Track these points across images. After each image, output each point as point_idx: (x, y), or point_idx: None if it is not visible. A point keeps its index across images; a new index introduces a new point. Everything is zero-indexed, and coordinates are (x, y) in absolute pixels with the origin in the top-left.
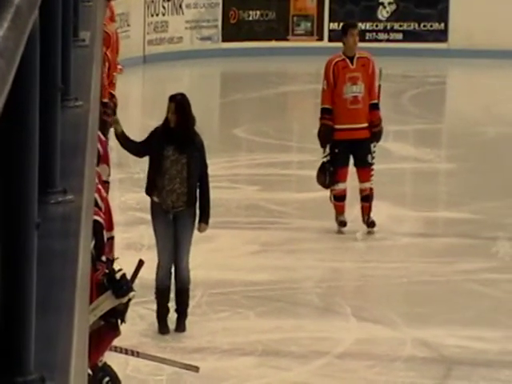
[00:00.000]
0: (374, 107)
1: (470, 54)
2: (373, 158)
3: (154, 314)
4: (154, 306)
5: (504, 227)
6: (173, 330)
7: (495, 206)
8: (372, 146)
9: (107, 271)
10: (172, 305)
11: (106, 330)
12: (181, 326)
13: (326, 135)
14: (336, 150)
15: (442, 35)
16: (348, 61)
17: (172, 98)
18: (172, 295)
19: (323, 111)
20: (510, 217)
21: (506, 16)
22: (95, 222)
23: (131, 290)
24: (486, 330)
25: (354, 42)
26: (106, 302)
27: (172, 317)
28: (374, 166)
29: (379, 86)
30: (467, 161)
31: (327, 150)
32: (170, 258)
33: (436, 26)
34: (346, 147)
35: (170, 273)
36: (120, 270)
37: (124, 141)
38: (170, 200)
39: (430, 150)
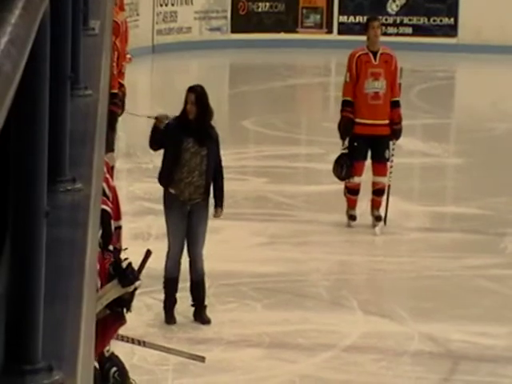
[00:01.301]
0: (396, 105)
1: (479, 49)
2: (392, 155)
3: (161, 304)
4: (162, 296)
5: (511, 223)
6: (179, 321)
7: (503, 201)
8: (391, 143)
9: (113, 260)
10: (180, 296)
11: (111, 319)
12: (204, 318)
13: (346, 128)
14: (355, 144)
15: (451, 30)
16: (371, 55)
17: (191, 89)
18: (181, 285)
19: (344, 103)
20: None
21: None
22: (103, 211)
23: (137, 279)
24: (492, 325)
25: (375, 35)
26: (112, 291)
27: (179, 307)
28: (391, 163)
29: (399, 84)
30: (475, 156)
31: (346, 142)
32: (180, 249)
33: (445, 20)
34: (365, 142)
35: (179, 263)
36: (126, 258)
37: (158, 135)
38: (188, 192)
39: (438, 144)
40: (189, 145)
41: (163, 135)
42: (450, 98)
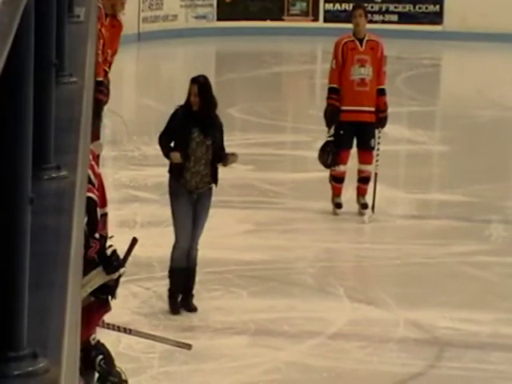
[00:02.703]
0: (381, 92)
1: (464, 36)
2: (378, 143)
3: (147, 292)
4: (148, 284)
5: (497, 210)
6: (164, 308)
7: (489, 188)
8: (377, 131)
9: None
10: (165, 283)
11: (96, 307)
12: (191, 306)
13: (332, 115)
14: (341, 132)
15: (436, 17)
16: (357, 42)
17: (194, 81)
18: (165, 273)
19: (330, 90)
20: (503, 199)
21: None
22: (88, 198)
23: (122, 265)
24: (478, 312)
25: (357, 23)
26: (97, 278)
27: (164, 295)
28: (378, 152)
29: (384, 72)
30: (461, 143)
31: (332, 130)
32: (188, 238)
33: (431, 8)
34: (351, 129)
35: (187, 253)
36: (110, 246)
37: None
38: (195, 181)
39: (423, 132)
40: (194, 134)
41: (171, 127)
42: (436, 85)
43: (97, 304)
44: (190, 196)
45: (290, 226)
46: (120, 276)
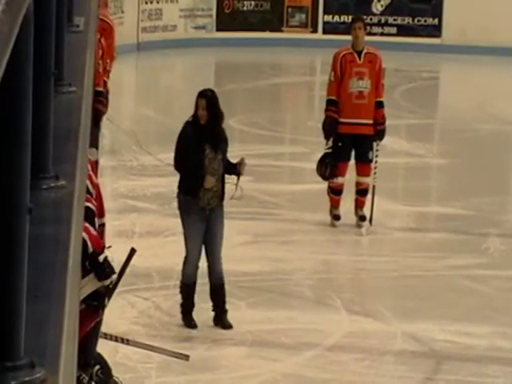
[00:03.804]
0: (380, 105)
1: (463, 49)
2: (376, 155)
3: (145, 303)
4: (146, 294)
5: (495, 223)
6: (163, 319)
7: (486, 202)
8: (375, 144)
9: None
10: (164, 293)
11: (86, 313)
12: (225, 323)
13: (330, 128)
14: (339, 144)
15: (435, 30)
16: (356, 55)
17: (202, 95)
18: (166, 283)
19: (329, 103)
20: (501, 213)
21: (500, 12)
22: (86, 208)
23: (114, 272)
24: (475, 325)
25: (357, 35)
26: (89, 285)
27: (163, 305)
28: (376, 164)
29: (382, 85)
30: (459, 156)
31: (330, 142)
32: (199, 253)
33: (430, 21)
34: (349, 141)
35: (198, 268)
36: (102, 252)
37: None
38: (207, 198)
39: (422, 145)
40: (206, 151)
41: (184, 147)
42: (434, 98)
43: (87, 311)
44: (201, 212)
45: (289, 238)
46: (111, 283)
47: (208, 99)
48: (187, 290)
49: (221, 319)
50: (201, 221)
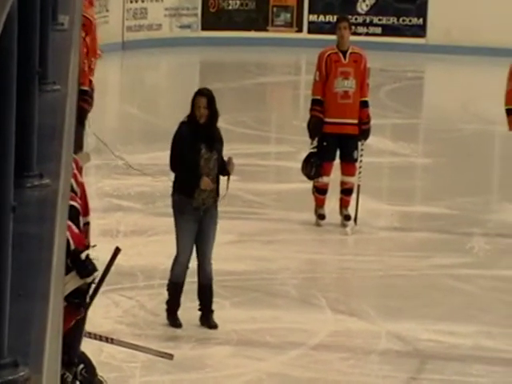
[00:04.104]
0: (364, 105)
1: (447, 49)
2: (361, 155)
3: (130, 302)
4: (131, 294)
5: (479, 223)
6: (147, 318)
7: (471, 201)
8: (360, 143)
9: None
10: (149, 293)
11: (68, 311)
12: (211, 323)
13: (315, 127)
14: (324, 144)
15: (420, 30)
16: (341, 54)
17: (202, 94)
18: (150, 283)
19: (314, 102)
20: (485, 213)
21: (485, 13)
22: (71, 207)
23: (96, 269)
24: (459, 324)
25: (342, 35)
26: (71, 283)
27: (148, 304)
28: (360, 164)
29: (367, 84)
30: (444, 156)
31: (315, 142)
32: (190, 254)
33: (415, 21)
34: (334, 141)
35: (187, 268)
36: (84, 250)
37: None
38: (202, 198)
39: (407, 144)
40: (202, 151)
41: (180, 148)
42: (419, 98)
43: (69, 308)
44: (195, 212)
45: (274, 237)
46: (93, 280)
47: (209, 98)
48: (174, 289)
49: (207, 319)
50: (194, 221)
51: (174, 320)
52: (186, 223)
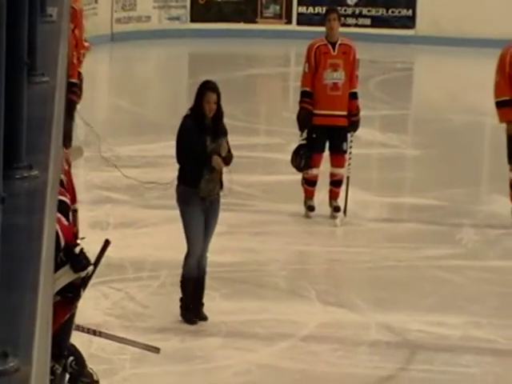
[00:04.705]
0: (354, 96)
1: (437, 41)
2: (350, 146)
3: (119, 293)
4: (120, 286)
5: (468, 214)
6: (137, 310)
7: (460, 192)
8: (349, 135)
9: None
10: (139, 284)
11: (61, 305)
12: (202, 315)
13: (305, 119)
14: (313, 136)
15: (409, 22)
16: (330, 46)
17: (212, 89)
18: (139, 274)
19: (303, 94)
20: (474, 204)
21: (474, 4)
22: (61, 201)
23: (90, 264)
24: (448, 315)
25: (331, 27)
26: (64, 277)
27: (136, 296)
28: (350, 155)
29: (357, 76)
30: (433, 147)
31: (304, 134)
32: (201, 246)
33: (404, 12)
34: (324, 133)
35: (199, 262)
36: (77, 243)
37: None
38: (208, 189)
39: (396, 135)
40: (207, 142)
41: (185, 141)
42: (409, 89)
43: (63, 303)
44: (202, 203)
45: (263, 229)
46: (87, 274)
47: (218, 93)
48: (187, 284)
49: (198, 311)
50: (201, 212)
51: (188, 316)
52: (194, 214)
